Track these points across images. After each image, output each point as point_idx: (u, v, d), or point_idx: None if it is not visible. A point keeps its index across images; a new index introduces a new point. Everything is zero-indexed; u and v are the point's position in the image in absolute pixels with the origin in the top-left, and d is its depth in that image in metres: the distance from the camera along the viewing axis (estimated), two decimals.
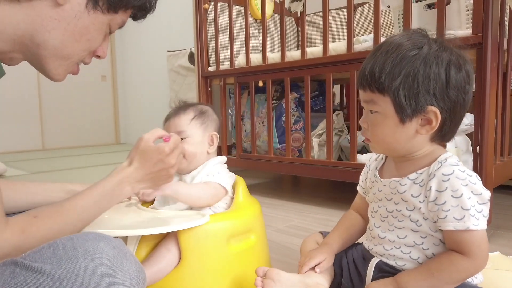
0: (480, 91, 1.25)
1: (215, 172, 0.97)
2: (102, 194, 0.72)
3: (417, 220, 0.70)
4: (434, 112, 0.66)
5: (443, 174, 0.66)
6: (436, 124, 0.67)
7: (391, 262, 0.74)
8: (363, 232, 0.87)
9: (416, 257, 0.71)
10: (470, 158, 1.49)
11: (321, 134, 1.88)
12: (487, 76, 1.24)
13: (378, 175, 0.79)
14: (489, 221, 1.27)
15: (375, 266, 0.76)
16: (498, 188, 1.48)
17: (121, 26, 0.75)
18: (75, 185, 0.91)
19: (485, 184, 1.25)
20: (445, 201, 0.66)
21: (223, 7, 2.20)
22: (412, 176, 0.71)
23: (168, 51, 3.96)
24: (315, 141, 1.86)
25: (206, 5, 2.21)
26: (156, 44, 4.72)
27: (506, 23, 1.44)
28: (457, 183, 0.65)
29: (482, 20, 1.23)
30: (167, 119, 1.03)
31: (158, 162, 0.77)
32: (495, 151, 1.37)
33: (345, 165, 1.66)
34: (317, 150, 1.86)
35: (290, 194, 2.15)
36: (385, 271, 0.74)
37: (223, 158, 1.04)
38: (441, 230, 0.68)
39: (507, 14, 1.43)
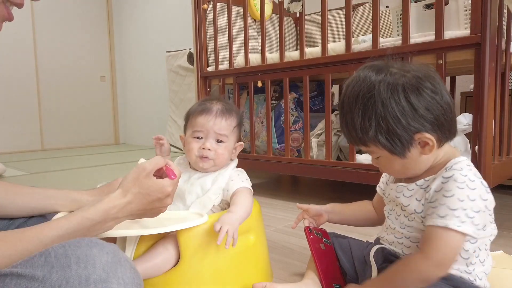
0: (479, 91, 1.26)
1: (238, 176, 0.98)
2: (78, 227, 0.63)
3: (421, 222, 0.71)
4: (424, 136, 0.67)
5: (443, 177, 0.68)
6: (433, 143, 0.68)
7: (398, 250, 0.76)
8: (369, 220, 0.92)
9: None
10: (468, 158, 1.49)
11: (320, 134, 1.88)
12: (486, 76, 1.24)
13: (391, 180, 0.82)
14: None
15: (375, 253, 0.79)
16: (496, 187, 1.48)
17: None
18: (80, 193, 0.86)
19: None
20: (436, 199, 0.67)
21: (222, 8, 2.21)
22: (420, 182, 0.72)
23: (167, 52, 3.96)
24: (314, 141, 1.86)
25: (205, 6, 2.21)
26: (155, 44, 4.72)
27: (504, 23, 1.45)
28: (452, 185, 0.66)
29: (480, 20, 1.24)
30: (207, 111, 0.99)
31: (156, 201, 0.70)
32: (494, 150, 1.37)
33: (344, 165, 1.66)
34: (316, 150, 1.86)
35: (289, 194, 2.15)
36: (390, 260, 0.76)
37: (236, 161, 1.05)
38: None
39: (505, 14, 1.43)
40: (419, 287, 0.66)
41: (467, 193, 0.65)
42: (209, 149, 0.97)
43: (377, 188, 0.89)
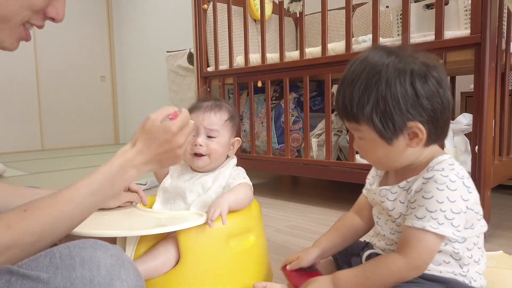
0: (479, 91, 1.26)
1: (238, 175, 0.98)
2: (103, 181, 0.66)
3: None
4: (416, 126, 0.66)
5: (423, 178, 0.67)
6: (423, 136, 0.67)
7: None
8: (360, 233, 0.86)
9: None
10: (468, 158, 1.50)
11: (320, 134, 1.88)
12: (486, 76, 1.24)
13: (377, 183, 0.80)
14: (487, 222, 1.28)
15: (368, 258, 0.77)
16: (496, 187, 1.48)
17: None
18: None
19: (484, 184, 1.25)
20: (415, 200, 0.67)
21: (222, 8, 2.21)
22: (402, 184, 0.71)
23: (167, 52, 3.95)
24: (314, 141, 1.86)
25: (205, 6, 2.21)
26: (155, 44, 4.72)
27: (504, 23, 1.45)
28: (432, 186, 0.65)
29: (480, 20, 1.24)
30: (197, 108, 1.00)
31: (164, 143, 0.71)
32: (494, 151, 1.37)
33: (344, 165, 1.66)
34: (316, 150, 1.86)
35: (289, 194, 2.15)
36: None
37: (235, 160, 1.05)
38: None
39: (505, 14, 1.43)
40: (392, 285, 0.66)
41: (447, 194, 0.64)
42: (201, 145, 0.96)
43: (364, 191, 0.87)
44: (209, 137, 0.98)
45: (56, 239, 0.58)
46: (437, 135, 0.69)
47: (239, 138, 1.05)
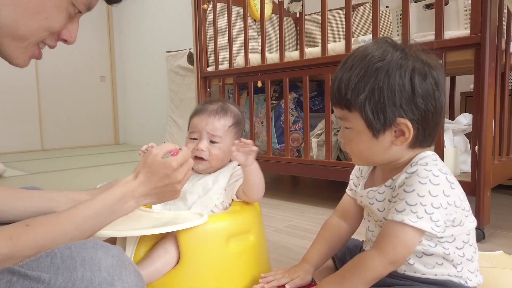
0: (479, 91, 1.26)
1: (241, 176, 0.97)
2: (103, 206, 0.69)
3: None
4: (405, 124, 0.65)
5: (406, 172, 0.67)
6: (409, 135, 0.66)
7: None
8: (345, 238, 0.85)
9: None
10: (468, 158, 1.50)
11: (320, 134, 1.88)
12: (485, 76, 1.24)
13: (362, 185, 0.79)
14: (486, 222, 1.28)
15: None
16: (496, 188, 1.48)
17: (88, 6, 0.67)
18: (80, 194, 0.88)
19: (484, 184, 1.26)
20: (397, 194, 0.66)
21: (222, 8, 2.21)
22: (388, 182, 0.71)
23: (167, 52, 3.96)
24: (314, 141, 1.86)
25: (205, 6, 2.21)
26: (155, 44, 4.72)
27: (504, 23, 1.45)
28: (414, 180, 0.64)
29: (480, 20, 1.24)
30: (202, 111, 0.99)
31: (164, 177, 0.74)
32: (494, 151, 1.37)
33: (344, 165, 1.66)
34: (316, 150, 1.86)
35: (289, 194, 2.15)
36: None
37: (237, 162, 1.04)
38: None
39: (505, 14, 1.44)
40: (371, 282, 0.66)
41: (429, 188, 0.63)
42: (203, 150, 0.96)
43: (348, 192, 0.85)
44: (212, 142, 0.98)
45: None
46: (424, 138, 0.68)
47: None
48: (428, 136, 0.69)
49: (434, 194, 0.63)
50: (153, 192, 0.74)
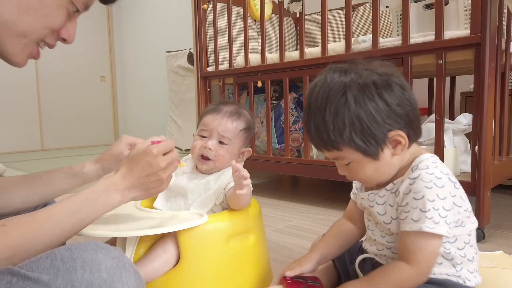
0: (479, 91, 1.26)
1: None
2: (85, 202, 0.66)
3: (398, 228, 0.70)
4: (397, 134, 0.66)
5: (409, 178, 0.67)
6: (405, 141, 0.67)
7: (383, 261, 0.75)
8: (355, 238, 0.85)
9: None
10: (468, 158, 1.50)
11: None
12: (485, 76, 1.24)
13: (361, 188, 0.80)
14: (487, 222, 1.28)
15: (363, 262, 0.78)
16: (496, 187, 1.48)
17: (86, 5, 0.67)
18: (82, 165, 0.89)
19: (484, 184, 1.26)
20: (407, 203, 0.66)
21: (222, 8, 2.21)
22: (389, 186, 0.71)
23: (167, 52, 3.96)
24: None
25: (205, 6, 2.21)
26: (155, 44, 4.72)
27: (504, 23, 1.45)
28: (420, 185, 0.65)
29: (480, 20, 1.24)
30: (217, 111, 0.99)
31: (146, 166, 0.71)
32: (494, 151, 1.37)
33: None
34: (316, 150, 1.86)
35: (289, 194, 2.15)
36: None
37: (242, 164, 1.04)
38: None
39: (505, 14, 1.44)
40: None
41: (436, 191, 0.64)
42: (210, 149, 0.96)
43: (352, 195, 0.85)
44: (221, 142, 0.98)
45: (33, 256, 0.56)
46: (415, 134, 0.70)
47: (250, 149, 1.04)
48: (417, 130, 0.70)
49: (442, 196, 0.64)
50: (137, 183, 0.71)
